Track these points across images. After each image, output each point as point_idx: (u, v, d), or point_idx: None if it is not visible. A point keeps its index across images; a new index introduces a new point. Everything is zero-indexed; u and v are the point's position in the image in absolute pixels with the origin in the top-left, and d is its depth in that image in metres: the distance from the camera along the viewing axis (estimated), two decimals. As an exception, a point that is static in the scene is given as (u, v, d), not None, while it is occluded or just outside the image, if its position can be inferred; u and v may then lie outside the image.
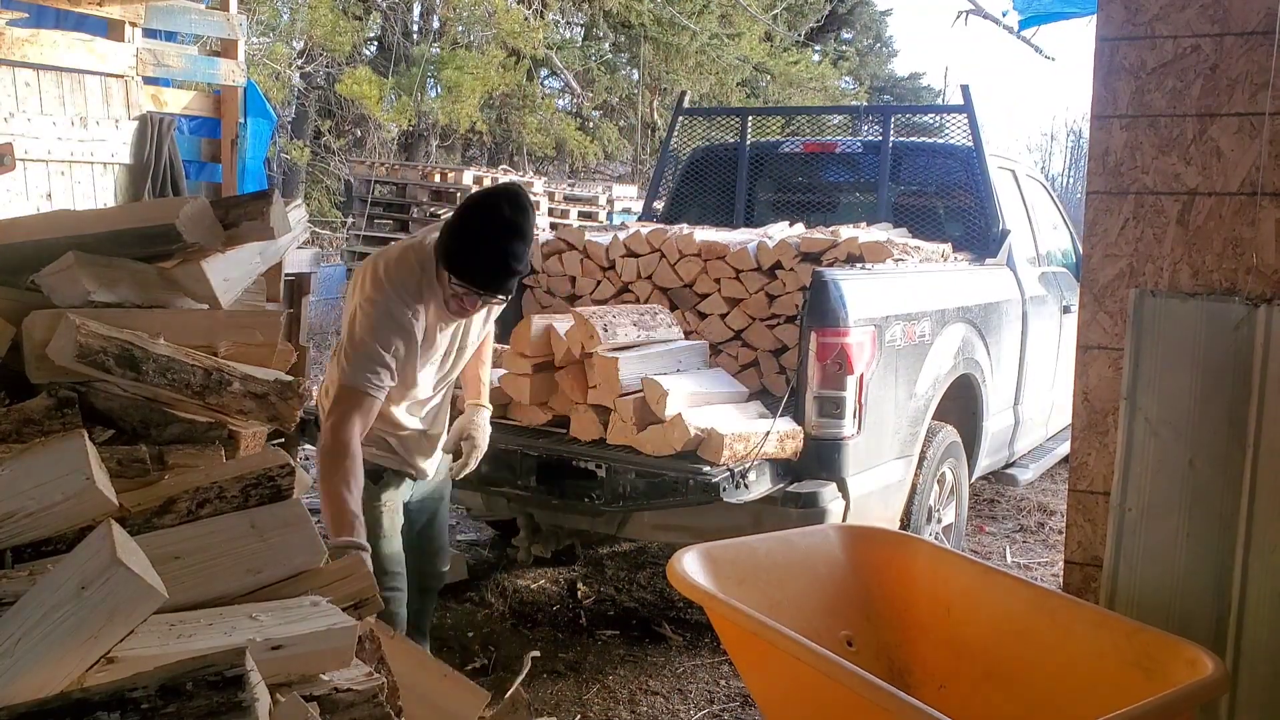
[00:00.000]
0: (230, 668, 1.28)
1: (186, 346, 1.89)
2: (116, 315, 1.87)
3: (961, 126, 4.96)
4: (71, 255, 1.89)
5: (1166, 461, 2.63)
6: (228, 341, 1.98)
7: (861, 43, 23.53)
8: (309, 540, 1.71)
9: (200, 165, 5.42)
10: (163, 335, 1.87)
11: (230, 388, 1.88)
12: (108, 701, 1.25)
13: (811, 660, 2.11)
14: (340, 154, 15.42)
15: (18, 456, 1.65)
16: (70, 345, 1.74)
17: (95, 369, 1.76)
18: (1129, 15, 2.72)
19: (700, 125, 6.01)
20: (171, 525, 1.68)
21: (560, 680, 3.51)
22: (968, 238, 4.81)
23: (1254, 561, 2.53)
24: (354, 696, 1.52)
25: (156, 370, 1.80)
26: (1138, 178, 2.74)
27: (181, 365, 1.83)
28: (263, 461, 1.78)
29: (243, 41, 5.48)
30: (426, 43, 15.27)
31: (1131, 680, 2.23)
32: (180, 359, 1.83)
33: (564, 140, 15.91)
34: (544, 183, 9.94)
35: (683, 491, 3.14)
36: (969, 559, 2.91)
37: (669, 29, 16.04)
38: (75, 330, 1.74)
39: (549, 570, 4.48)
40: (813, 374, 3.39)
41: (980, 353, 4.30)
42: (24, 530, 1.58)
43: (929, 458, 3.93)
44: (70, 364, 1.75)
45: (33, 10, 4.57)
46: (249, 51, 10.88)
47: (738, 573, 2.53)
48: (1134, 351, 2.67)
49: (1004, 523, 5.50)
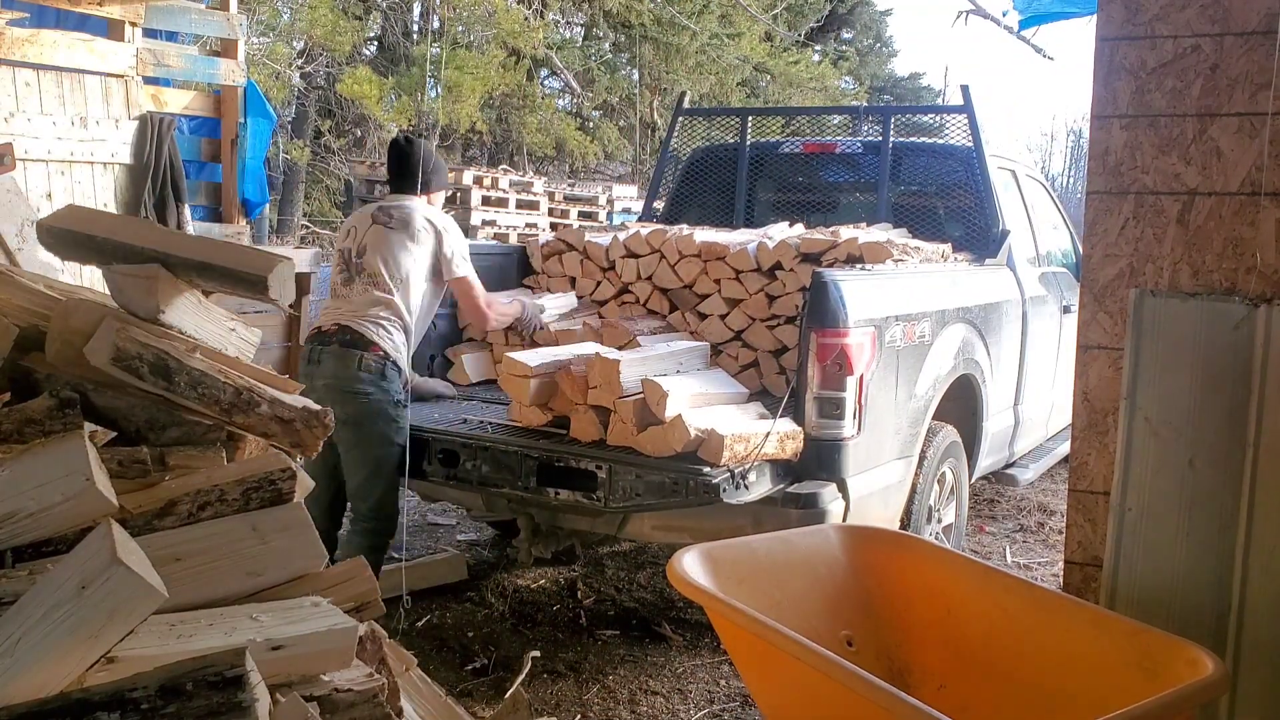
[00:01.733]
0: (230, 668, 1.28)
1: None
2: (153, 329, 1.89)
3: (961, 127, 4.96)
4: (158, 269, 1.92)
5: (1166, 461, 2.63)
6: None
7: (861, 43, 23.52)
8: (309, 544, 1.71)
9: (200, 165, 5.42)
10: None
11: (258, 409, 1.89)
12: (108, 702, 1.25)
13: (811, 660, 2.11)
14: (340, 154, 15.42)
15: (18, 457, 1.65)
16: (108, 347, 1.76)
17: (129, 374, 1.78)
18: (1129, 15, 2.72)
19: (700, 125, 6.01)
20: (172, 527, 1.68)
21: (560, 680, 3.51)
22: (968, 238, 4.81)
23: (1254, 561, 2.53)
24: (354, 697, 1.52)
25: (188, 383, 1.82)
26: (1138, 178, 2.74)
27: (213, 381, 1.85)
28: (264, 465, 1.78)
29: (243, 41, 5.48)
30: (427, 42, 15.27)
31: (1131, 680, 2.23)
32: (213, 375, 1.85)
33: (564, 140, 15.91)
34: (544, 183, 9.94)
35: (683, 493, 3.14)
36: (969, 559, 2.91)
37: (669, 29, 16.05)
38: (115, 333, 1.76)
39: (549, 570, 4.49)
40: (813, 375, 3.39)
41: (980, 353, 4.30)
42: (24, 531, 1.58)
43: (929, 458, 3.93)
44: (104, 365, 1.76)
45: (33, 10, 4.57)
46: (249, 51, 10.88)
47: (738, 573, 2.53)
48: (1134, 351, 2.67)
49: (1004, 523, 5.51)
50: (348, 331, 3.48)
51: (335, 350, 3.47)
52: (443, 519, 5.22)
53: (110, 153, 4.70)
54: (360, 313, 3.52)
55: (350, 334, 3.48)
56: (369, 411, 3.43)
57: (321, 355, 3.48)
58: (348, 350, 3.45)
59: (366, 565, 1.93)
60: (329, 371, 3.45)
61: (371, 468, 3.48)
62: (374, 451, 3.47)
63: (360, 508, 3.54)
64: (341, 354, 3.45)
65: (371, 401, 3.43)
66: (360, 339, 3.47)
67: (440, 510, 5.26)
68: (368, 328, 3.49)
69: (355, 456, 3.48)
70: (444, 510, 5.21)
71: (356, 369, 3.43)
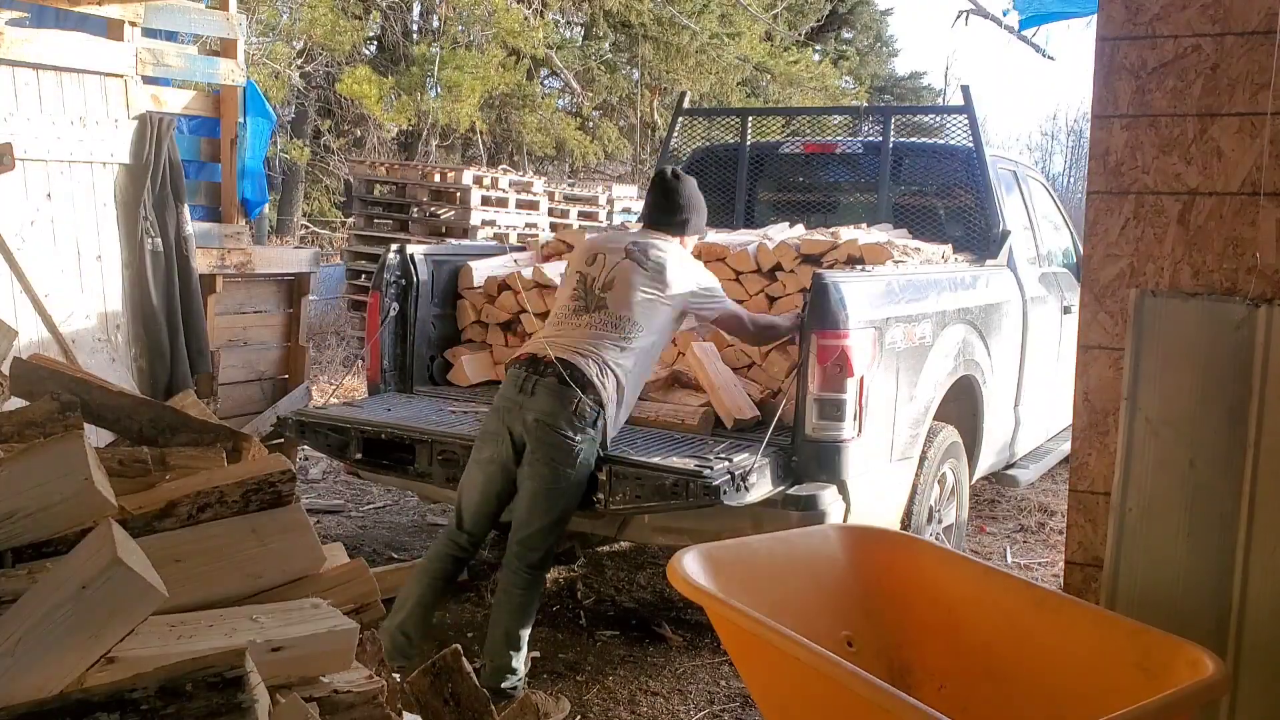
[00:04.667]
0: (230, 669, 1.28)
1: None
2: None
3: (961, 127, 4.96)
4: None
5: (1167, 461, 2.63)
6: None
7: (862, 42, 23.48)
8: (309, 546, 1.71)
9: (200, 165, 5.42)
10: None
11: None
12: (107, 702, 1.25)
13: (811, 660, 2.11)
14: (340, 154, 15.40)
15: (17, 457, 1.65)
16: None
17: None
18: (1129, 15, 2.72)
19: (700, 125, 6.01)
20: (172, 529, 1.68)
21: (560, 680, 3.51)
22: (968, 238, 4.81)
23: (1254, 561, 2.53)
24: (354, 698, 1.52)
25: None
26: (1138, 178, 2.73)
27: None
28: (263, 467, 1.78)
29: (242, 41, 5.48)
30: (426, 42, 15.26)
31: (1132, 680, 2.23)
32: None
33: (564, 140, 15.89)
34: (544, 182, 9.91)
35: (683, 495, 3.14)
36: (970, 559, 2.91)
37: (669, 29, 16.03)
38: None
39: (549, 570, 4.48)
40: (813, 376, 3.38)
41: (981, 354, 4.30)
42: (24, 531, 1.58)
43: (929, 459, 3.93)
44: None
45: (33, 10, 4.57)
46: (249, 51, 10.88)
47: (738, 573, 2.53)
48: (1134, 351, 2.67)
49: (1004, 523, 5.50)
50: (569, 366, 3.19)
51: (552, 384, 3.17)
52: (442, 519, 5.21)
53: (110, 153, 4.70)
54: (587, 349, 3.24)
55: (572, 370, 3.18)
56: (574, 459, 3.19)
57: (536, 386, 3.19)
58: (565, 389, 3.16)
59: (366, 566, 1.93)
60: (543, 407, 3.18)
61: (557, 516, 3.25)
62: (565, 500, 3.23)
63: (529, 555, 3.26)
64: (559, 390, 3.16)
65: (578, 451, 3.19)
66: (582, 378, 3.18)
67: (440, 510, 5.26)
68: (591, 368, 3.21)
69: (544, 501, 3.22)
70: (444, 510, 5.21)
71: (572, 411, 3.16)
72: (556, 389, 3.17)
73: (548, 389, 3.18)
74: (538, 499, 3.23)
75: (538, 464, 3.21)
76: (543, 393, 3.19)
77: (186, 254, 4.89)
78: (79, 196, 4.60)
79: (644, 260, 3.38)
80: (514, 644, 3.23)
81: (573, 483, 3.22)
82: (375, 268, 4.33)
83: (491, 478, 3.31)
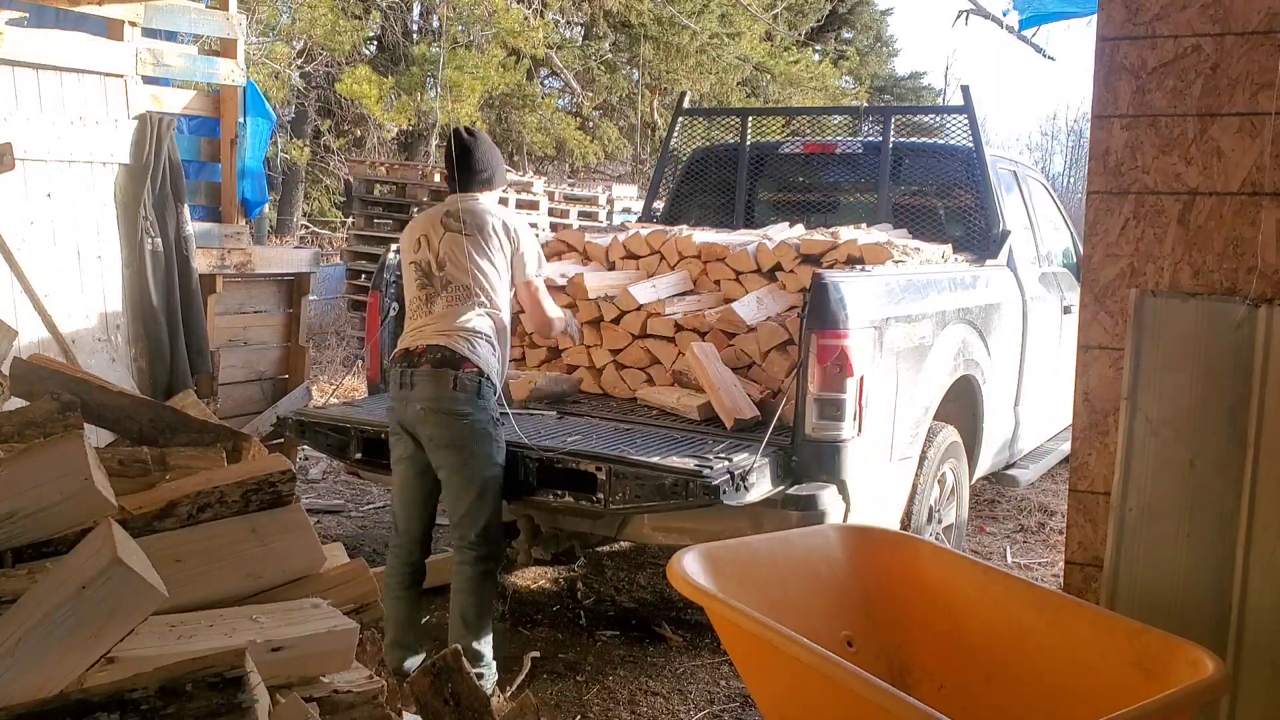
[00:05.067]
0: (230, 669, 1.28)
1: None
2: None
3: (961, 127, 4.96)
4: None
5: (1167, 461, 2.63)
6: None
7: (862, 42, 23.47)
8: (309, 546, 1.71)
9: (200, 165, 5.42)
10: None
11: None
12: (107, 702, 1.25)
13: (811, 660, 2.11)
14: (340, 154, 15.41)
15: (17, 457, 1.65)
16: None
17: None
18: (1129, 15, 2.72)
19: (700, 125, 6.01)
20: (172, 529, 1.68)
21: (560, 680, 3.51)
22: (968, 238, 4.81)
23: (1254, 561, 2.53)
24: (354, 698, 1.52)
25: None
26: (1138, 178, 2.73)
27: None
28: (263, 467, 1.78)
29: (242, 41, 5.48)
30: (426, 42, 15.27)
31: (1132, 681, 2.23)
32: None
33: (564, 140, 15.89)
34: (544, 182, 9.92)
35: (683, 494, 3.14)
36: (970, 559, 2.90)
37: (669, 29, 16.03)
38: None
39: (549, 570, 4.48)
40: (813, 376, 3.38)
41: (980, 354, 4.30)
42: (24, 531, 1.58)
43: (929, 459, 3.93)
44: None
45: (33, 10, 4.57)
46: (249, 51, 10.87)
47: (738, 573, 2.53)
48: (1134, 351, 2.67)
49: (1004, 523, 5.50)
50: (438, 350, 3.29)
51: (427, 371, 3.27)
52: (442, 519, 5.20)
53: (110, 153, 4.70)
54: (448, 329, 3.33)
55: (441, 352, 3.28)
56: (472, 433, 3.27)
57: (413, 377, 3.29)
58: (441, 370, 3.26)
59: (366, 566, 1.93)
60: (425, 394, 3.26)
61: (478, 490, 3.31)
62: (480, 474, 3.30)
63: (467, 534, 3.34)
64: (435, 374, 3.26)
65: (473, 422, 3.26)
66: (452, 356, 3.27)
67: (439, 510, 5.24)
68: (458, 344, 3.30)
69: (460, 480, 3.31)
70: (443, 511, 5.20)
71: (452, 389, 3.24)
72: (432, 374, 3.27)
73: (425, 376, 3.28)
74: (453, 479, 3.32)
75: (439, 449, 3.30)
76: (421, 380, 3.29)
77: (186, 254, 4.89)
78: (79, 196, 4.60)
79: (462, 226, 3.43)
80: (472, 628, 3.29)
81: (480, 453, 3.29)
82: (375, 268, 4.33)
83: (406, 476, 3.43)
